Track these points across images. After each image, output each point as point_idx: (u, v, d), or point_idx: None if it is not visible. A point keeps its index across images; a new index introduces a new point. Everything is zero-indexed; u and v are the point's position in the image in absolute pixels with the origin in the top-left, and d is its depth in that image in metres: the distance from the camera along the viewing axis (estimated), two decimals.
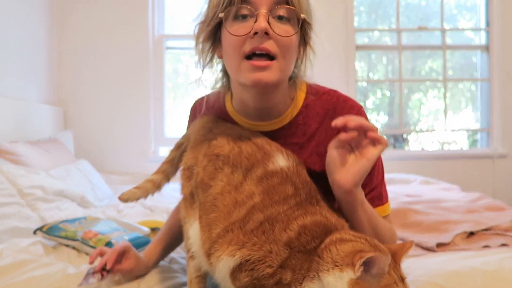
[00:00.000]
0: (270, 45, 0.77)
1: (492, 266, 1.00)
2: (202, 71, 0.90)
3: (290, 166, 0.77)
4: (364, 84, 3.57)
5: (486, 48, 3.36)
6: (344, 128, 0.73)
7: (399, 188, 2.34)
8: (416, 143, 3.63)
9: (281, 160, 0.77)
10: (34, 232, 1.30)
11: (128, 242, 1.00)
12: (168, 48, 3.25)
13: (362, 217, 0.78)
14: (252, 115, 0.90)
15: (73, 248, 1.24)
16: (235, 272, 0.68)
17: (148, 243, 1.31)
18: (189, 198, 0.84)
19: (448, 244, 1.31)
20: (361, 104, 0.93)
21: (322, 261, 0.63)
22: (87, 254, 1.21)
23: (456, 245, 1.31)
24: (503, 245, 1.29)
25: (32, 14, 2.71)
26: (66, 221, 1.34)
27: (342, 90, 0.95)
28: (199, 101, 1.03)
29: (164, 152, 3.24)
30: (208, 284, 0.89)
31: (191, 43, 0.89)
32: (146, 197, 0.95)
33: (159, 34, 3.18)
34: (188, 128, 1.03)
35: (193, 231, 0.82)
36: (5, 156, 1.89)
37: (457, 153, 3.35)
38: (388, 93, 3.64)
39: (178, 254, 1.22)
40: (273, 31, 0.77)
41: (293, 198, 0.72)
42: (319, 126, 0.89)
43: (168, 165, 0.96)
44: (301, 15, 0.79)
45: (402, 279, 0.62)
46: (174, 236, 1.06)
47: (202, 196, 0.79)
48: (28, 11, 2.65)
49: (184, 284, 0.98)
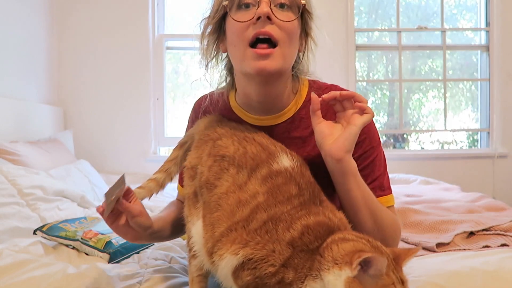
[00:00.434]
0: (272, 30, 0.80)
1: (492, 266, 1.00)
2: (206, 67, 0.92)
3: (294, 166, 0.77)
4: (364, 84, 3.57)
5: (486, 48, 3.36)
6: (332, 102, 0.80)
7: (399, 188, 2.34)
8: (416, 143, 3.63)
9: (286, 161, 0.78)
10: (34, 232, 1.30)
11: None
12: (168, 48, 3.25)
13: (356, 190, 0.79)
14: (255, 108, 0.92)
15: (73, 248, 1.24)
16: (237, 271, 0.68)
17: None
18: (192, 197, 0.84)
19: (448, 244, 1.31)
20: None
21: (324, 260, 0.63)
22: (87, 254, 1.21)
23: (456, 245, 1.31)
24: (503, 245, 1.29)
25: (32, 14, 2.71)
26: (66, 221, 1.34)
27: None
28: (202, 99, 1.03)
29: (164, 152, 3.24)
30: (209, 284, 0.89)
31: (191, 43, 0.90)
32: (150, 196, 0.95)
33: (159, 34, 3.18)
34: (190, 125, 1.03)
35: (196, 230, 0.82)
36: (5, 156, 1.89)
37: (457, 153, 3.35)
38: (388, 93, 3.64)
39: (178, 253, 1.23)
40: (275, 16, 0.80)
41: (297, 198, 0.72)
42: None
43: (171, 163, 0.96)
44: (302, 1, 0.83)
45: (402, 282, 0.62)
46: (167, 226, 1.00)
47: (206, 195, 0.79)
48: (28, 11, 2.65)
49: (184, 283, 0.98)
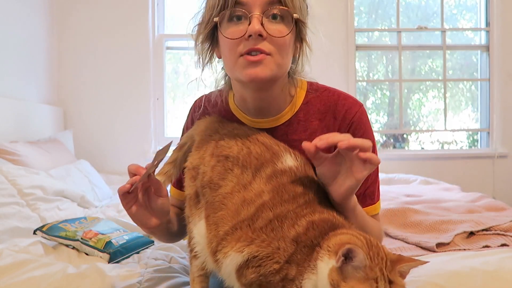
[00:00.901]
0: (264, 46, 0.79)
1: (492, 266, 1.00)
2: (202, 70, 0.91)
3: (298, 166, 0.78)
4: (364, 84, 3.57)
5: (486, 48, 3.36)
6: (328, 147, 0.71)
7: (399, 188, 2.34)
8: (416, 143, 3.63)
9: (290, 160, 0.78)
10: (34, 232, 1.30)
11: None
12: (168, 48, 3.25)
13: (352, 219, 0.79)
14: (252, 112, 0.92)
15: (73, 248, 1.24)
16: (241, 269, 0.68)
17: (148, 243, 1.32)
18: (194, 197, 0.84)
19: (448, 244, 1.31)
20: (367, 115, 0.94)
21: (321, 250, 0.64)
22: (87, 254, 1.21)
23: (456, 245, 1.31)
24: (503, 245, 1.29)
25: (32, 14, 2.71)
26: (66, 221, 1.34)
27: (342, 90, 0.96)
28: (198, 101, 1.03)
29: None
30: (210, 284, 0.89)
31: (191, 43, 0.90)
32: None
33: (159, 34, 3.18)
34: (186, 128, 1.03)
35: (197, 231, 0.82)
36: (5, 156, 1.89)
37: (457, 153, 3.35)
38: (388, 93, 3.64)
39: (178, 254, 1.23)
40: (267, 32, 0.78)
41: (302, 196, 0.72)
42: (321, 122, 0.90)
43: (171, 166, 0.95)
44: (294, 14, 0.80)
45: (390, 282, 0.61)
46: (175, 217, 0.99)
47: (210, 195, 0.79)
48: (28, 11, 2.65)
49: (184, 283, 0.98)
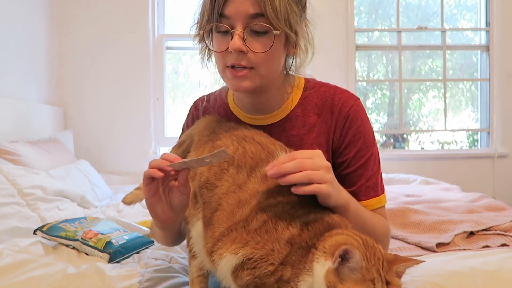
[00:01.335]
0: (246, 62, 0.80)
1: (492, 266, 1.00)
2: (202, 67, 0.92)
3: None
4: (364, 84, 3.57)
5: (486, 48, 3.36)
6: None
7: (399, 188, 2.34)
8: (416, 143, 3.63)
9: None
10: (34, 232, 1.30)
11: None
12: (168, 48, 3.25)
13: (349, 219, 0.77)
14: (250, 109, 0.94)
15: (73, 248, 1.24)
16: (237, 270, 0.68)
17: (148, 243, 1.32)
18: (192, 198, 0.84)
19: (448, 244, 1.31)
20: (364, 109, 0.94)
21: (316, 251, 0.64)
22: (87, 254, 1.21)
23: (456, 245, 1.31)
24: (503, 245, 1.29)
25: (32, 14, 2.71)
26: (66, 221, 1.34)
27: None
28: (198, 100, 1.04)
29: (164, 152, 3.23)
30: (209, 284, 0.89)
31: (191, 43, 0.90)
32: None
33: (159, 34, 3.18)
34: (186, 126, 1.03)
35: (195, 231, 0.82)
36: (5, 156, 1.89)
37: (457, 153, 3.35)
38: (388, 93, 3.64)
39: (178, 253, 1.23)
40: (249, 48, 0.79)
41: (297, 197, 0.72)
42: (318, 117, 0.91)
43: None
44: (275, 31, 0.78)
45: (387, 282, 0.60)
46: None
47: (206, 195, 0.79)
48: (29, 11, 2.65)
49: (184, 283, 0.99)
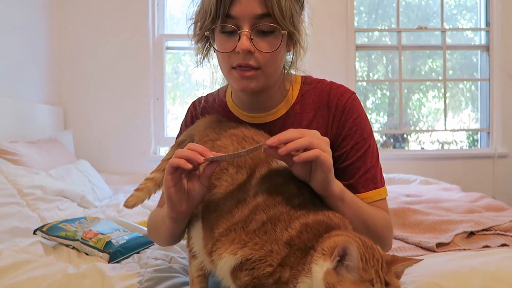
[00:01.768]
0: (253, 61, 0.80)
1: (492, 266, 1.00)
2: (197, 67, 0.92)
3: None
4: (364, 84, 3.57)
5: (486, 48, 3.36)
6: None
7: (399, 188, 2.34)
8: (416, 143, 3.63)
9: None
10: (34, 232, 1.30)
11: None
12: (168, 48, 3.25)
13: (346, 211, 0.77)
14: (249, 107, 0.94)
15: (73, 248, 1.24)
16: (235, 271, 0.68)
17: (148, 243, 1.32)
18: None
19: (448, 244, 1.31)
20: (360, 102, 0.94)
21: (315, 253, 0.64)
22: (87, 254, 1.21)
23: (456, 245, 1.31)
24: (503, 245, 1.29)
25: (32, 15, 2.71)
26: (66, 221, 1.34)
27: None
28: (197, 100, 1.05)
29: (164, 152, 3.24)
30: (209, 284, 0.89)
31: (191, 43, 0.90)
32: (149, 197, 0.95)
33: (159, 34, 3.18)
34: (185, 125, 1.03)
35: (195, 231, 0.82)
36: (5, 156, 1.89)
37: (457, 153, 3.35)
38: (388, 93, 3.64)
39: (178, 253, 1.23)
40: (256, 48, 0.79)
41: (297, 197, 0.72)
42: (316, 113, 0.92)
43: None
44: (283, 31, 0.80)
45: (386, 284, 0.60)
46: None
47: (206, 196, 0.79)
48: (28, 11, 2.65)
49: (184, 283, 0.99)
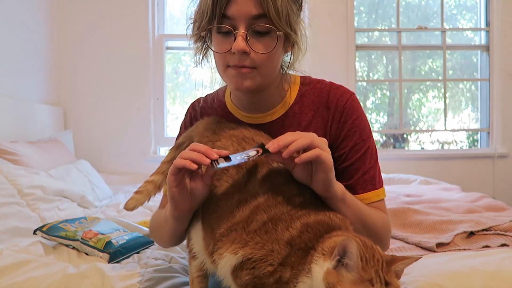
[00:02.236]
0: (248, 62, 0.80)
1: (492, 266, 1.00)
2: (196, 66, 0.92)
3: None
4: (364, 84, 3.57)
5: (486, 48, 3.36)
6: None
7: (399, 188, 2.34)
8: (416, 143, 3.63)
9: None
10: (34, 232, 1.30)
11: None
12: (168, 48, 3.25)
13: (345, 211, 0.78)
14: (247, 108, 0.94)
15: (73, 248, 1.24)
16: (236, 270, 0.68)
17: (148, 243, 1.32)
18: None
19: (448, 244, 1.31)
20: (361, 104, 0.95)
21: (315, 253, 0.64)
22: (87, 254, 1.21)
23: (456, 245, 1.31)
24: (503, 245, 1.29)
25: (32, 14, 2.71)
26: (66, 221, 1.34)
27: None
28: (196, 102, 1.05)
29: (164, 152, 3.24)
30: (209, 284, 0.89)
31: (189, 43, 0.90)
32: (149, 200, 0.95)
33: (159, 34, 3.18)
34: (184, 127, 1.03)
35: (195, 232, 0.82)
36: (5, 156, 1.89)
37: (457, 153, 3.35)
38: (388, 93, 3.64)
39: (178, 253, 1.23)
40: (252, 48, 0.79)
41: (297, 198, 0.72)
42: (315, 114, 0.92)
43: (168, 165, 0.95)
44: (279, 32, 0.79)
45: (386, 283, 0.60)
46: None
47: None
48: (28, 11, 2.65)
49: (184, 283, 0.99)
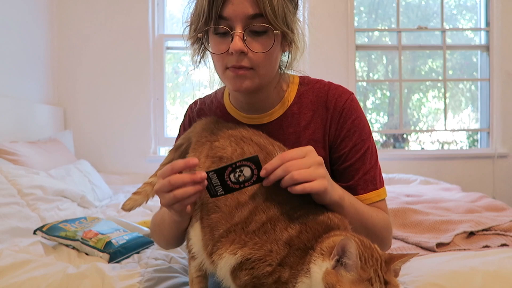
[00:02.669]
0: (246, 62, 0.80)
1: (492, 266, 1.00)
2: (194, 68, 0.92)
3: None
4: (364, 84, 3.57)
5: (486, 48, 3.37)
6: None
7: (399, 188, 2.34)
8: (416, 143, 3.63)
9: None
10: (34, 232, 1.30)
11: None
12: (168, 48, 3.25)
13: (345, 215, 0.77)
14: (246, 108, 0.94)
15: (73, 248, 1.24)
16: (235, 271, 0.69)
17: (148, 243, 1.32)
18: None
19: (448, 244, 1.31)
20: (361, 104, 0.94)
21: (314, 253, 0.64)
22: (87, 254, 1.21)
23: (456, 245, 1.31)
24: (503, 245, 1.29)
25: (32, 14, 2.71)
26: (66, 221, 1.34)
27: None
28: (194, 104, 1.05)
29: (164, 152, 3.24)
30: (209, 284, 0.89)
31: (186, 44, 0.90)
32: (147, 201, 0.95)
33: (159, 34, 3.18)
34: (183, 128, 1.03)
35: (194, 232, 0.82)
36: (5, 156, 1.89)
37: (457, 153, 3.35)
38: (388, 93, 3.64)
39: (178, 254, 1.23)
40: (249, 48, 0.79)
41: (296, 198, 0.72)
42: (314, 114, 0.91)
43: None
44: (276, 31, 0.79)
45: (386, 282, 0.60)
46: None
47: (205, 196, 0.79)
48: (28, 11, 2.65)
49: (184, 283, 0.99)
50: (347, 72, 3.23)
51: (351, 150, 0.89)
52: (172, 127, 3.30)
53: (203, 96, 1.04)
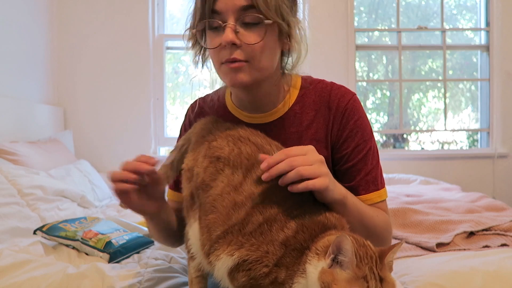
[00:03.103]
0: (238, 54, 0.80)
1: (492, 266, 1.00)
2: (196, 67, 0.92)
3: None
4: (364, 84, 3.57)
5: (486, 48, 3.36)
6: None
7: (399, 188, 2.34)
8: (416, 143, 3.63)
9: None
10: (34, 232, 1.30)
11: None
12: (168, 48, 3.25)
13: (347, 216, 0.77)
14: (248, 107, 0.94)
15: (73, 248, 1.24)
16: (233, 272, 0.69)
17: (148, 243, 1.32)
18: (189, 199, 0.84)
19: (448, 244, 1.31)
20: (361, 104, 0.94)
21: (309, 252, 0.64)
22: (87, 254, 1.21)
23: (456, 245, 1.31)
24: (503, 245, 1.29)
25: (32, 14, 2.71)
26: (66, 221, 1.34)
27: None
28: (194, 104, 1.04)
29: (164, 152, 3.24)
30: (208, 284, 0.89)
31: (186, 45, 0.90)
32: None
33: (159, 34, 3.18)
34: (184, 129, 1.03)
35: (192, 232, 0.82)
36: (5, 156, 1.89)
37: (457, 153, 3.35)
38: (388, 93, 3.64)
39: (178, 254, 1.23)
40: (241, 40, 0.79)
41: (293, 197, 0.72)
42: (316, 113, 0.91)
43: (168, 168, 0.94)
44: (266, 21, 0.79)
45: (381, 280, 0.60)
46: (172, 213, 0.97)
47: (202, 196, 0.79)
48: (28, 11, 2.65)
49: (184, 283, 0.99)
50: (347, 72, 3.23)
51: (353, 151, 0.89)
52: (172, 127, 3.30)
53: (204, 95, 1.04)
